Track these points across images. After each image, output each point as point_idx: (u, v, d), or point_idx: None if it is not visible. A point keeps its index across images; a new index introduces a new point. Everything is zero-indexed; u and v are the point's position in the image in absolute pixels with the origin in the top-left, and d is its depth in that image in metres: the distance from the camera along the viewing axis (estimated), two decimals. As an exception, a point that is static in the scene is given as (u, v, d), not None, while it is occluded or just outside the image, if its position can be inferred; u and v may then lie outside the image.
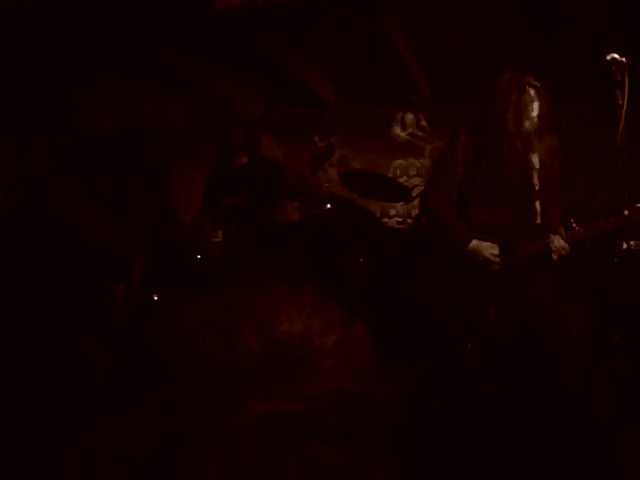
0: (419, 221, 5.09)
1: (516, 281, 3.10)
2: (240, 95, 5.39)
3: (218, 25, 3.83)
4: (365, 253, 5.06)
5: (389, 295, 4.61)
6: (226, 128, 4.18)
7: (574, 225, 3.32)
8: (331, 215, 5.11)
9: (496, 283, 3.13)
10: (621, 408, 3.22)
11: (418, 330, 4.43)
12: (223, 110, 5.07)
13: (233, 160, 4.07)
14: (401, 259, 4.94)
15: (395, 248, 5.00)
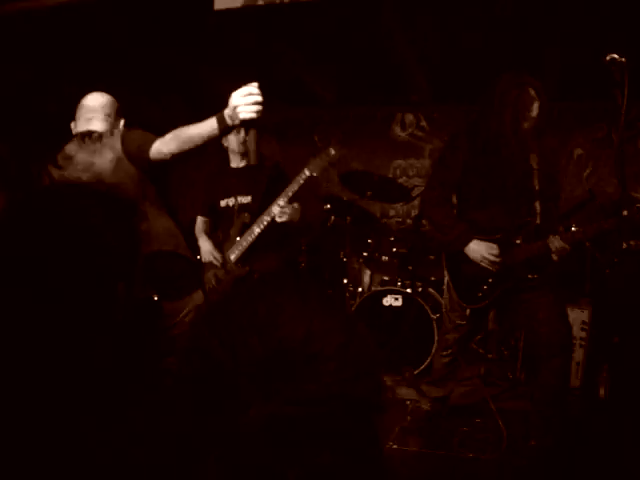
0: (418, 221, 5.10)
1: (515, 281, 3.10)
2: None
3: (218, 25, 3.83)
4: (366, 253, 5.06)
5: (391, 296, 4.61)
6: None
7: (573, 225, 3.33)
8: (331, 215, 5.12)
9: (495, 283, 3.12)
10: (621, 408, 3.22)
11: (419, 331, 4.44)
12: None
13: (234, 162, 4.07)
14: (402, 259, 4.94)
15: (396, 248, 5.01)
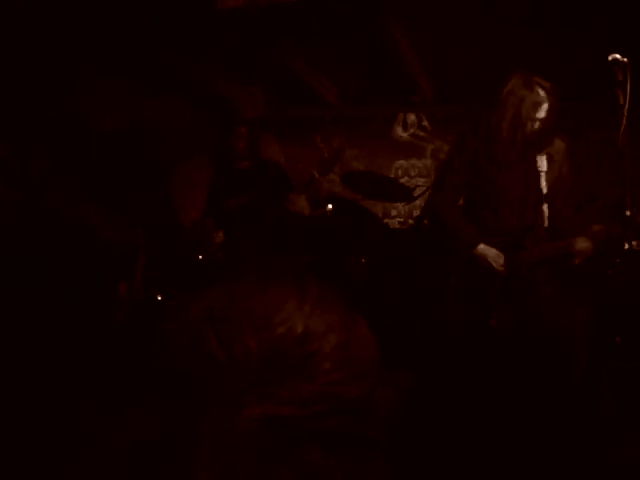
0: (420, 221, 5.09)
1: (521, 284, 3.08)
2: (241, 95, 5.38)
3: (219, 25, 3.83)
4: (368, 253, 5.05)
5: (391, 296, 4.60)
6: (227, 128, 4.18)
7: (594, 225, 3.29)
8: (333, 215, 5.11)
9: (502, 286, 3.11)
10: (622, 408, 3.21)
11: (420, 332, 4.42)
12: (224, 110, 5.08)
13: (235, 162, 4.07)
14: (403, 260, 4.93)
15: (398, 249, 5.00)
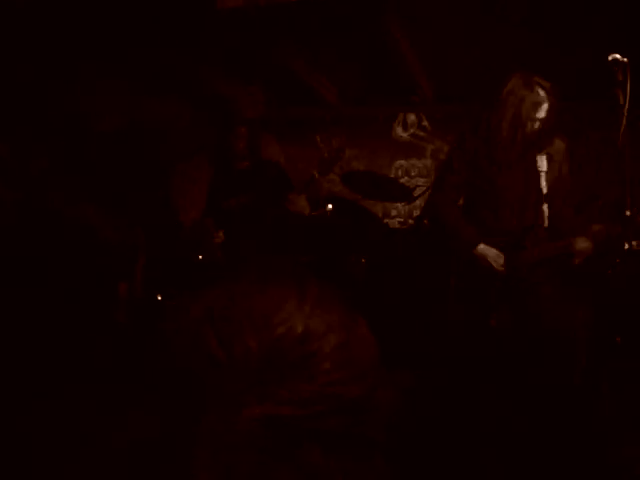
0: (420, 221, 5.09)
1: (521, 284, 3.08)
2: (241, 95, 5.38)
3: (219, 25, 3.83)
4: (368, 253, 5.05)
5: (391, 296, 4.60)
6: (227, 128, 4.18)
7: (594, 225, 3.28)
8: (333, 215, 5.10)
9: (502, 286, 3.11)
10: (622, 408, 3.21)
11: (420, 332, 4.42)
12: (224, 110, 5.07)
13: (235, 162, 4.07)
14: (403, 260, 4.93)
15: (398, 249, 5.00)
